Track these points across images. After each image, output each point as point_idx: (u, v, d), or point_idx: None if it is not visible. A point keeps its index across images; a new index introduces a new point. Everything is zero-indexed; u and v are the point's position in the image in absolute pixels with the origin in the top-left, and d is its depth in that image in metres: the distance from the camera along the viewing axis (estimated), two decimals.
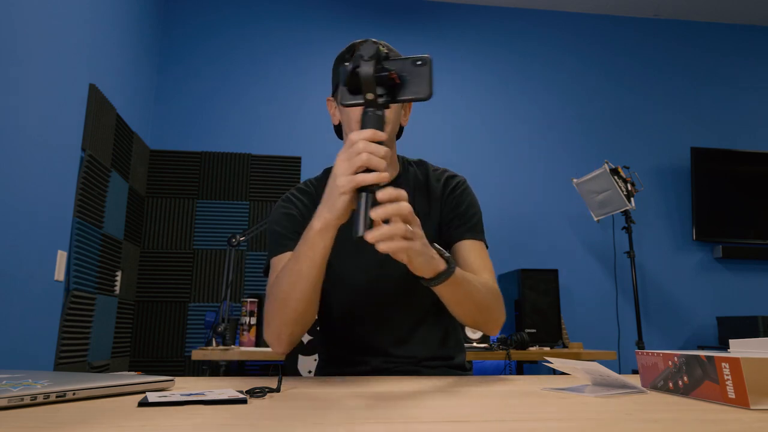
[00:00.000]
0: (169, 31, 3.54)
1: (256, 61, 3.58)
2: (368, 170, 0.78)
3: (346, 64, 0.79)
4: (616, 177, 3.08)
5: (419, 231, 0.83)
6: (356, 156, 0.77)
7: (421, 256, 0.84)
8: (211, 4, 3.63)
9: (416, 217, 0.83)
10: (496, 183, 3.59)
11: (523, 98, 3.77)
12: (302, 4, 3.72)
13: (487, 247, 1.21)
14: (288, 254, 1.10)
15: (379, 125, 0.80)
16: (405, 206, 0.79)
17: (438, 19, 3.82)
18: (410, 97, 0.80)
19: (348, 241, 1.16)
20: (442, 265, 0.90)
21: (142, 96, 3.22)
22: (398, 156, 1.25)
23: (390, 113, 1.11)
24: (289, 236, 1.13)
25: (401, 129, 1.26)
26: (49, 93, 2.08)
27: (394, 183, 1.21)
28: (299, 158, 3.43)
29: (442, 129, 3.62)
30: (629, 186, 3.10)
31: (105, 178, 2.57)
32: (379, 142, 0.79)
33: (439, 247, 0.92)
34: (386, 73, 0.78)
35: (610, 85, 3.86)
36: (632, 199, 3.09)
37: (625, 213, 3.17)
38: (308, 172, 3.37)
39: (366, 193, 0.77)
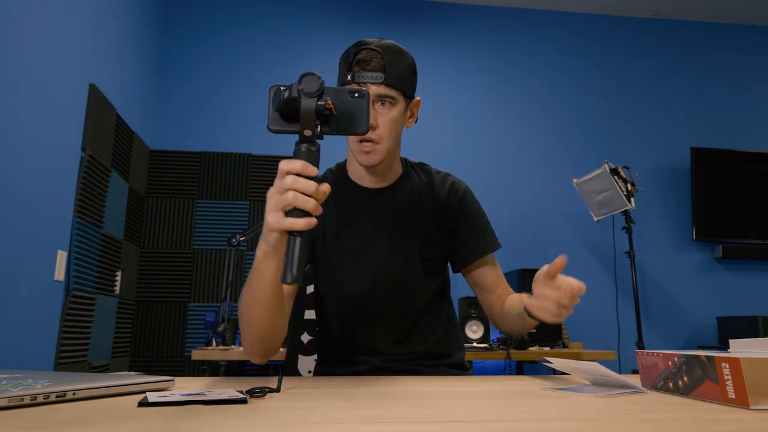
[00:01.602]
0: (169, 31, 3.54)
1: (256, 61, 3.58)
2: (299, 209, 0.74)
3: (282, 88, 0.75)
4: (616, 177, 3.08)
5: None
6: (284, 193, 0.74)
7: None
8: (211, 4, 3.63)
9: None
10: (496, 183, 3.59)
11: (523, 98, 3.77)
12: (302, 4, 3.72)
13: (499, 245, 1.26)
14: None
15: (314, 161, 0.76)
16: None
17: (438, 19, 3.82)
18: (346, 131, 0.78)
19: (347, 249, 1.17)
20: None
21: (142, 96, 3.22)
22: (401, 158, 1.26)
23: (395, 113, 1.10)
24: None
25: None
26: (49, 93, 2.08)
27: (397, 185, 1.21)
28: None
29: (442, 129, 3.62)
30: (629, 186, 3.10)
31: (105, 178, 2.57)
32: (311, 178, 0.75)
33: None
34: (323, 103, 0.74)
35: (610, 85, 3.86)
36: (632, 199, 3.09)
37: (625, 213, 3.17)
38: None
39: (294, 237, 0.73)
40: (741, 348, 0.80)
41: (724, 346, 3.11)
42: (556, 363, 0.93)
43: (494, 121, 3.72)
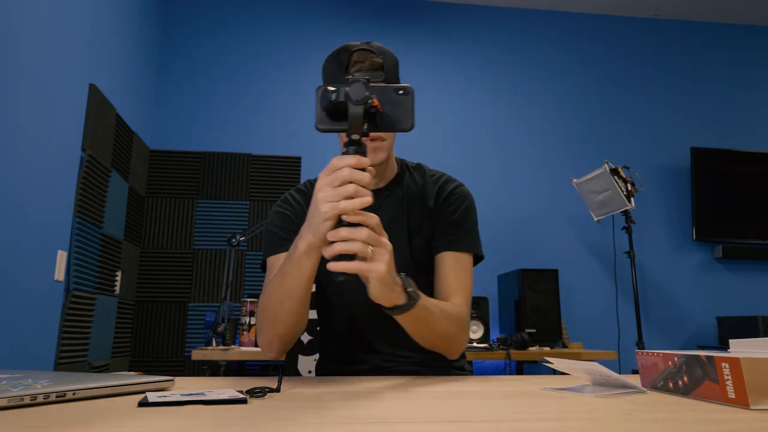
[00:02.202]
0: (169, 31, 3.54)
1: (256, 61, 3.58)
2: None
3: (330, 89, 0.75)
4: (616, 177, 3.08)
5: (386, 255, 0.79)
6: (343, 186, 0.75)
7: (379, 283, 0.81)
8: (211, 4, 3.63)
9: (387, 241, 0.80)
10: (496, 183, 3.59)
11: (523, 98, 3.77)
12: (302, 4, 3.72)
13: (481, 257, 1.18)
14: (283, 255, 1.09)
15: (363, 155, 0.77)
16: (373, 219, 0.77)
17: (438, 19, 3.82)
18: (392, 128, 0.79)
19: None
20: (401, 299, 0.88)
21: (142, 96, 3.22)
22: (396, 159, 1.25)
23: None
24: (284, 236, 1.14)
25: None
26: (49, 93, 2.08)
27: (390, 187, 1.21)
28: (299, 158, 3.43)
29: (442, 129, 3.62)
30: (629, 186, 3.10)
31: (105, 178, 2.57)
32: (363, 169, 0.76)
33: (405, 277, 0.90)
34: (370, 102, 0.75)
35: (610, 85, 3.86)
36: (632, 199, 3.09)
37: (625, 213, 3.17)
38: (308, 172, 3.37)
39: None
40: (741, 348, 0.80)
41: (724, 346, 3.11)
42: (556, 363, 0.93)
43: (494, 122, 3.72)
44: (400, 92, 0.78)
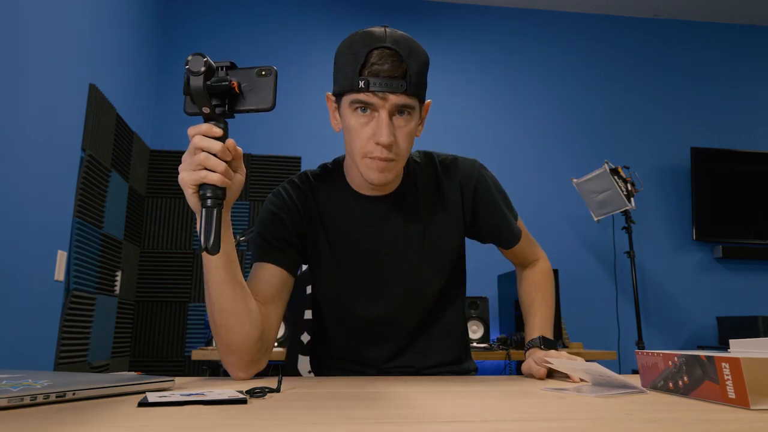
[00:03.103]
0: (169, 31, 3.54)
1: (255, 61, 3.58)
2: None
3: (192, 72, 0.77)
4: (616, 177, 3.08)
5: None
6: (196, 155, 0.78)
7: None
8: (211, 4, 3.63)
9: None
10: None
11: (523, 98, 3.77)
12: (302, 4, 3.72)
13: (519, 236, 1.24)
14: (269, 266, 1.01)
15: (221, 137, 0.80)
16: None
17: (438, 19, 3.82)
18: (252, 108, 0.80)
19: (344, 261, 1.09)
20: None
21: (142, 96, 3.22)
22: None
23: (413, 123, 0.98)
24: (273, 243, 1.04)
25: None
26: (49, 93, 2.08)
27: (399, 191, 1.09)
28: (299, 158, 3.44)
29: (441, 129, 3.62)
30: (629, 186, 3.10)
31: (105, 178, 2.57)
32: (222, 139, 0.80)
33: (546, 338, 1.10)
34: (226, 83, 0.77)
35: (610, 85, 3.86)
36: (632, 199, 3.09)
37: (625, 213, 3.17)
38: None
39: (206, 209, 0.77)
40: (741, 348, 0.80)
41: (724, 346, 3.11)
42: (556, 363, 0.93)
43: (494, 121, 3.72)
44: (262, 73, 0.80)
